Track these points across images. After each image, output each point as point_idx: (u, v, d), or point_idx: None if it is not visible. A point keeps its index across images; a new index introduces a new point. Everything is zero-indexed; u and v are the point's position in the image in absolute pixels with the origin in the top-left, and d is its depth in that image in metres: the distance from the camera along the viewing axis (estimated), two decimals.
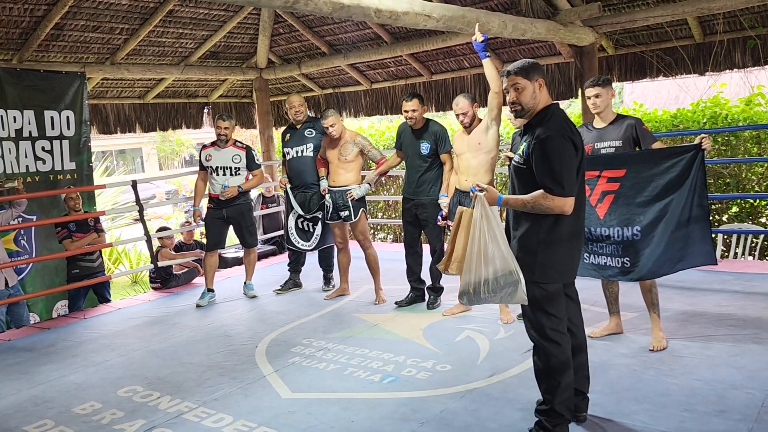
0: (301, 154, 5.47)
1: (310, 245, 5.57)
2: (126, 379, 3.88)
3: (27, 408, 3.54)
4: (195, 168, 5.81)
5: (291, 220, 5.57)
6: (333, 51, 7.42)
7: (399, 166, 5.24)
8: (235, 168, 5.49)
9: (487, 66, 4.08)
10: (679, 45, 5.78)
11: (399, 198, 5.16)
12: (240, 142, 5.65)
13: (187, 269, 6.60)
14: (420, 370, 3.66)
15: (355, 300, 5.33)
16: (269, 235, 7.77)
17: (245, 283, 5.77)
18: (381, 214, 9.19)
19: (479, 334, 4.20)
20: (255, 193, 7.71)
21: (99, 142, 20.66)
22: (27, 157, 5.80)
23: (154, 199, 18.01)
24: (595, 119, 3.86)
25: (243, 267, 5.99)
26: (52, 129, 5.98)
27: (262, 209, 7.67)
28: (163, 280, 6.38)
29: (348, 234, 5.44)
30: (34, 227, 5.96)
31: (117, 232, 10.55)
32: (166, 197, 19.14)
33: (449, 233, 3.42)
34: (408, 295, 5.05)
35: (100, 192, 9.45)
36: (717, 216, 6.52)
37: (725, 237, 6.11)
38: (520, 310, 2.95)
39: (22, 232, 5.92)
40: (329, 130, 5.06)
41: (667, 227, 3.54)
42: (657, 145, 3.71)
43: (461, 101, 4.37)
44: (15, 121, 5.68)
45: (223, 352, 4.24)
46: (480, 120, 4.38)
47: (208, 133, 7.98)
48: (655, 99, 15.42)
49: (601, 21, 5.41)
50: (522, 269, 2.67)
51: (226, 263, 7.34)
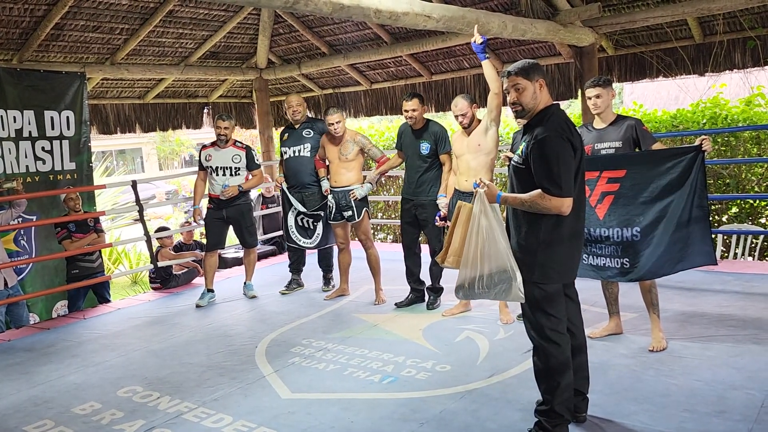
0: (298, 154, 5.47)
1: (311, 242, 5.57)
2: (126, 379, 3.88)
3: (27, 408, 3.55)
4: (195, 168, 5.82)
5: (291, 218, 5.57)
6: (333, 51, 7.42)
7: (399, 167, 5.24)
8: (235, 168, 5.49)
9: (487, 67, 4.08)
10: (679, 45, 5.79)
11: (399, 198, 5.15)
12: (240, 142, 5.65)
13: (186, 269, 6.61)
14: (420, 371, 3.66)
15: (354, 300, 5.33)
16: (269, 236, 7.77)
17: (245, 283, 5.77)
18: (381, 215, 9.19)
19: (479, 335, 4.20)
20: (255, 193, 7.72)
21: (99, 142, 20.66)
22: (27, 157, 5.80)
23: (153, 199, 18.02)
24: (595, 120, 3.85)
25: (243, 267, 5.99)
26: (52, 129, 5.98)
27: (262, 209, 7.67)
28: (162, 280, 6.38)
29: (350, 234, 5.44)
30: (33, 227, 5.96)
31: (117, 232, 10.55)
32: (165, 197, 19.14)
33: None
34: (408, 296, 5.05)
35: (100, 192, 9.45)
36: (717, 216, 6.52)
37: (725, 237, 6.11)
38: (520, 311, 2.95)
39: (22, 233, 5.92)
40: (334, 127, 5.06)
41: (667, 228, 3.54)
42: (657, 145, 3.71)
43: (460, 102, 4.36)
44: (15, 121, 5.69)
45: (222, 353, 4.24)
46: (479, 121, 4.37)
47: (208, 133, 7.98)
48: (654, 99, 15.43)
49: (600, 21, 5.41)
50: (522, 269, 2.68)
51: (225, 263, 7.35)
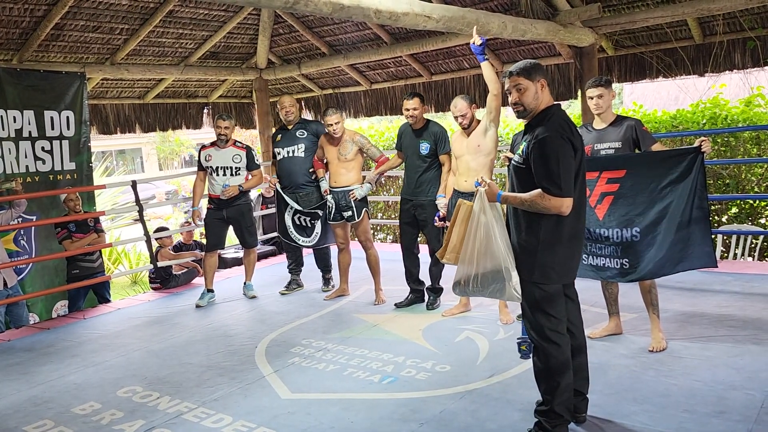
0: (292, 155, 5.47)
1: (310, 241, 5.57)
2: (126, 379, 3.88)
3: (26, 408, 3.55)
4: (195, 168, 5.81)
5: (288, 218, 5.57)
6: (333, 51, 7.42)
7: (399, 167, 5.24)
8: (235, 168, 5.49)
9: (486, 68, 4.09)
10: (679, 46, 5.78)
11: (399, 198, 5.15)
12: (240, 142, 5.65)
13: (186, 269, 6.61)
14: (419, 371, 3.66)
15: (354, 300, 5.33)
16: (269, 236, 7.77)
17: (245, 283, 5.77)
18: (381, 215, 9.19)
19: (479, 335, 4.21)
20: (255, 193, 7.71)
21: (99, 143, 20.67)
22: (27, 157, 5.80)
23: (153, 199, 18.05)
24: (594, 120, 3.85)
25: (242, 267, 5.99)
26: (52, 129, 5.98)
27: (261, 209, 7.67)
28: (162, 280, 6.37)
29: (350, 234, 5.44)
30: (33, 227, 5.96)
31: (117, 232, 10.55)
32: (165, 197, 19.16)
33: None
34: (407, 296, 5.05)
35: (100, 192, 9.45)
36: (716, 217, 6.52)
37: (725, 238, 6.11)
38: (520, 311, 2.96)
39: (22, 233, 5.92)
40: (333, 128, 5.05)
41: (668, 229, 3.54)
42: (657, 146, 3.71)
43: (459, 103, 4.36)
44: (15, 121, 5.68)
45: (222, 353, 4.24)
46: (479, 121, 4.37)
47: (208, 133, 7.97)
48: (654, 100, 15.44)
49: (600, 22, 5.41)
50: (522, 269, 2.69)
51: (225, 264, 7.35)
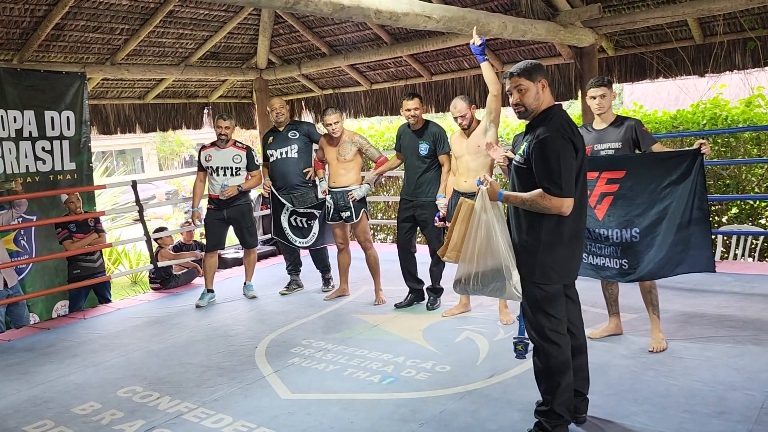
0: (285, 156, 5.47)
1: (307, 242, 5.56)
2: (126, 379, 3.88)
3: (26, 408, 3.54)
4: (195, 168, 5.82)
5: (284, 220, 5.56)
6: (333, 52, 7.42)
7: (399, 167, 5.24)
8: (235, 168, 5.49)
9: (486, 69, 4.09)
10: (679, 46, 5.79)
11: (398, 199, 5.15)
12: (240, 143, 5.65)
13: (186, 270, 6.60)
14: (419, 371, 3.66)
15: (354, 301, 5.33)
16: (269, 236, 7.76)
17: (245, 283, 5.77)
18: (381, 215, 9.19)
19: (479, 335, 4.21)
20: (255, 193, 7.71)
21: (99, 143, 20.67)
22: (27, 157, 5.80)
23: (153, 199, 18.04)
24: (595, 120, 3.85)
25: (243, 267, 5.99)
26: (53, 129, 5.98)
27: (262, 210, 7.67)
28: (162, 280, 6.37)
29: (349, 234, 5.44)
30: (34, 227, 5.96)
31: (117, 232, 10.55)
32: (165, 198, 19.15)
33: None
34: (407, 296, 5.05)
35: (100, 192, 9.45)
36: (717, 217, 6.52)
37: (725, 238, 6.11)
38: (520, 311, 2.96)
39: (22, 233, 5.92)
40: (332, 128, 5.05)
41: (667, 230, 3.54)
42: (657, 146, 3.70)
43: (459, 103, 4.36)
44: (15, 121, 5.69)
45: (222, 353, 4.24)
46: (478, 122, 4.37)
47: (208, 133, 7.98)
48: (654, 100, 15.46)
49: (601, 22, 5.41)
50: (522, 269, 2.69)
51: (225, 264, 7.35)
